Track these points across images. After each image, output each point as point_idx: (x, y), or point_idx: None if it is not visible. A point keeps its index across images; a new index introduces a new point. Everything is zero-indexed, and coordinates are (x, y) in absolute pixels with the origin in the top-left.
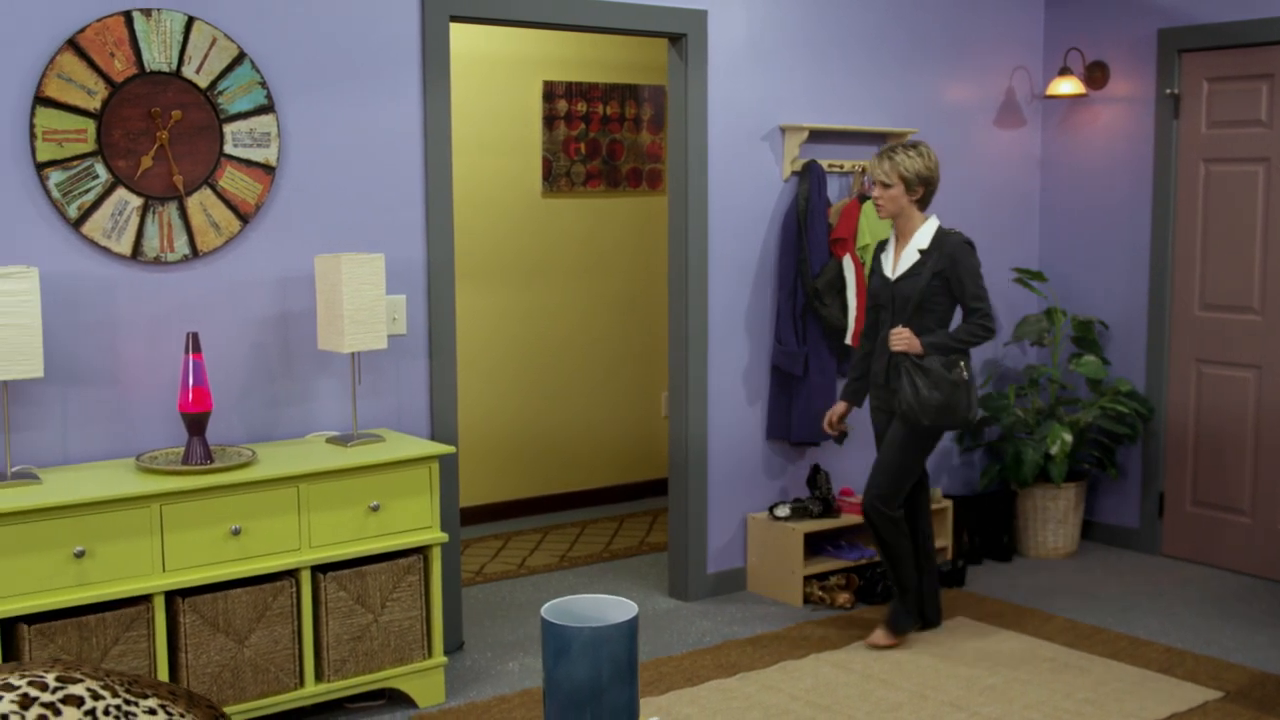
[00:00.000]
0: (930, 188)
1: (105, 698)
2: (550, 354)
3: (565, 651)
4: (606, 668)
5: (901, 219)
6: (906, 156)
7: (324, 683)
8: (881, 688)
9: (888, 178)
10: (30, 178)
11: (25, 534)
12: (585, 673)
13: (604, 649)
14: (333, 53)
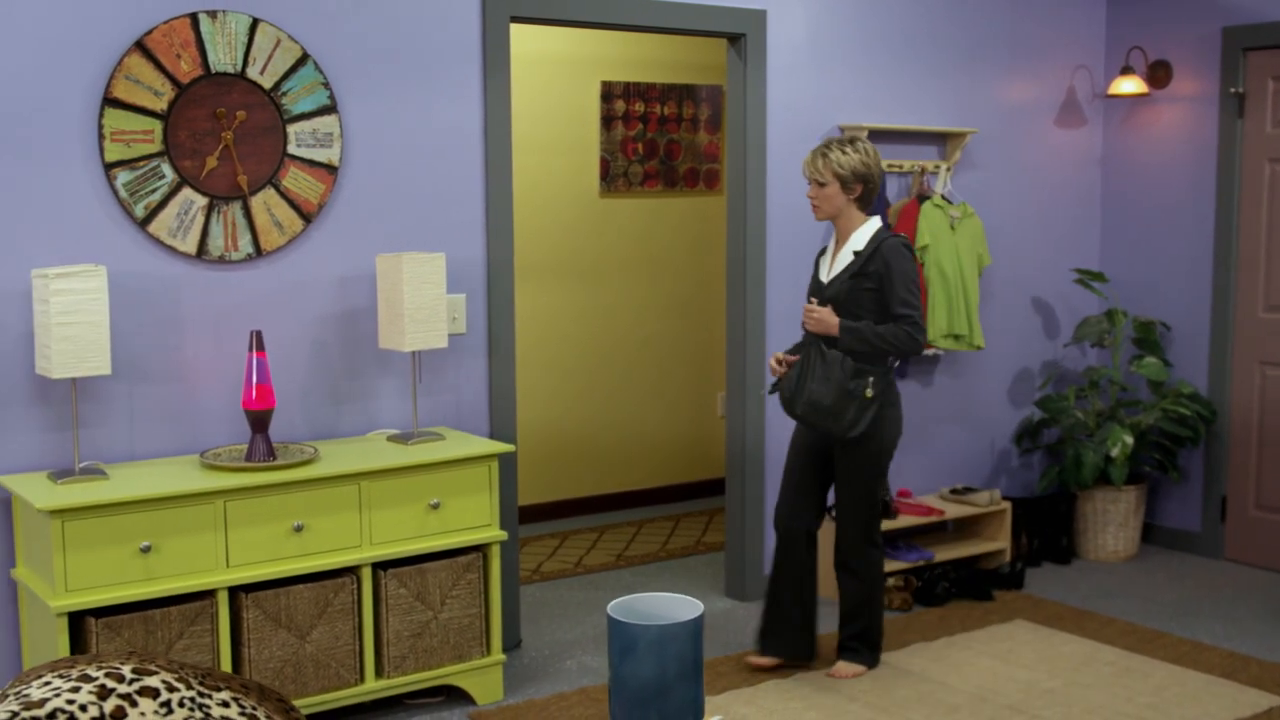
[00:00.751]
0: (870, 186)
1: (180, 690)
2: (606, 353)
3: (631, 649)
4: (672, 666)
5: (840, 220)
6: (842, 153)
7: (384, 679)
8: (940, 690)
9: (821, 176)
10: (99, 178)
11: (93, 529)
12: (651, 670)
13: (670, 647)
14: (394, 53)
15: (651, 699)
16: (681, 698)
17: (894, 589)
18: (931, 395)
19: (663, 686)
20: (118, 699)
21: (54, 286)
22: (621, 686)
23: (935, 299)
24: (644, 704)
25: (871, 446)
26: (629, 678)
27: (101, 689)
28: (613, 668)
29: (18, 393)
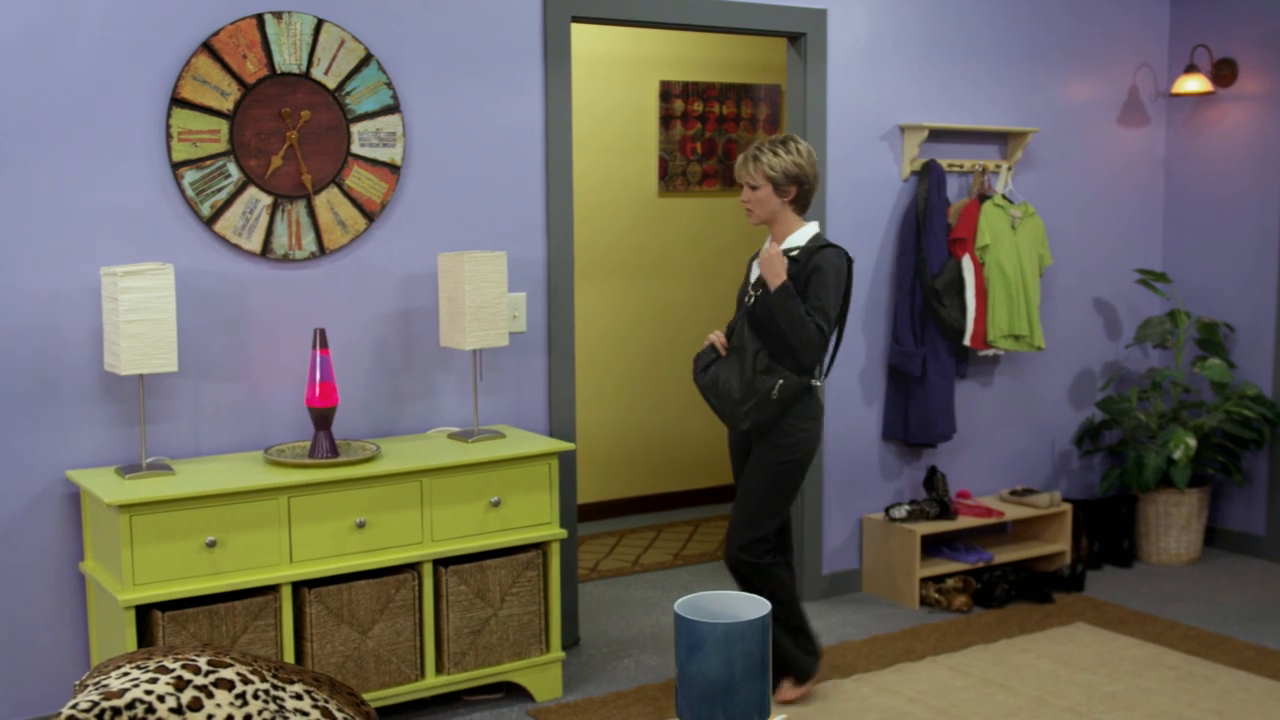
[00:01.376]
0: (804, 187)
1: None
2: (664, 352)
3: (699, 647)
4: (739, 664)
5: (776, 225)
6: (772, 154)
7: (444, 675)
8: (1000, 692)
9: (753, 179)
10: (166, 177)
11: (160, 523)
12: (718, 668)
13: (737, 645)
14: (456, 53)
15: (718, 696)
16: (748, 696)
17: (953, 590)
18: (991, 396)
19: (729, 684)
20: (194, 690)
21: (123, 284)
22: (688, 684)
23: (996, 299)
24: (710, 701)
25: (784, 455)
26: (696, 675)
27: (178, 680)
28: (679, 665)
29: (87, 389)
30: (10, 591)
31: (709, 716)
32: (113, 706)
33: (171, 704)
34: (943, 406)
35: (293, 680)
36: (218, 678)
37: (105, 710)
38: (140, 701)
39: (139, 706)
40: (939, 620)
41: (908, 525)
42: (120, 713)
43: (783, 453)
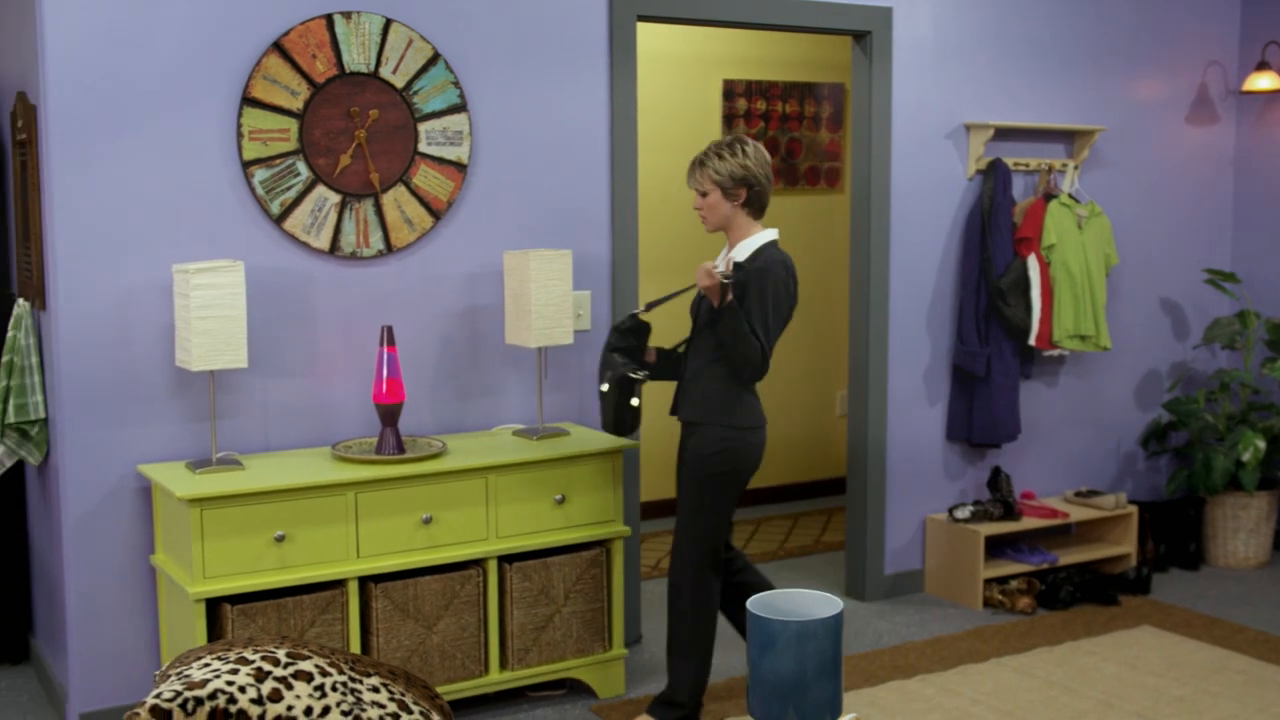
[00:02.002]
0: (754, 189)
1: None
2: None
3: (771, 645)
4: (811, 662)
5: (731, 229)
6: (718, 158)
7: (508, 671)
8: (1065, 695)
9: (701, 185)
10: (237, 175)
11: (230, 518)
12: (790, 666)
13: (809, 644)
14: (523, 52)
15: (790, 694)
16: (820, 694)
17: (1017, 592)
18: (1056, 396)
19: (801, 683)
20: (274, 681)
21: (194, 281)
22: (760, 681)
23: (1061, 299)
24: (782, 699)
25: (714, 465)
26: (768, 673)
27: (259, 671)
28: (751, 662)
29: (158, 384)
30: (85, 583)
31: (780, 714)
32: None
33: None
34: (1007, 407)
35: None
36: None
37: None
38: (222, 692)
39: (220, 697)
40: (1003, 622)
41: (971, 526)
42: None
43: (714, 469)
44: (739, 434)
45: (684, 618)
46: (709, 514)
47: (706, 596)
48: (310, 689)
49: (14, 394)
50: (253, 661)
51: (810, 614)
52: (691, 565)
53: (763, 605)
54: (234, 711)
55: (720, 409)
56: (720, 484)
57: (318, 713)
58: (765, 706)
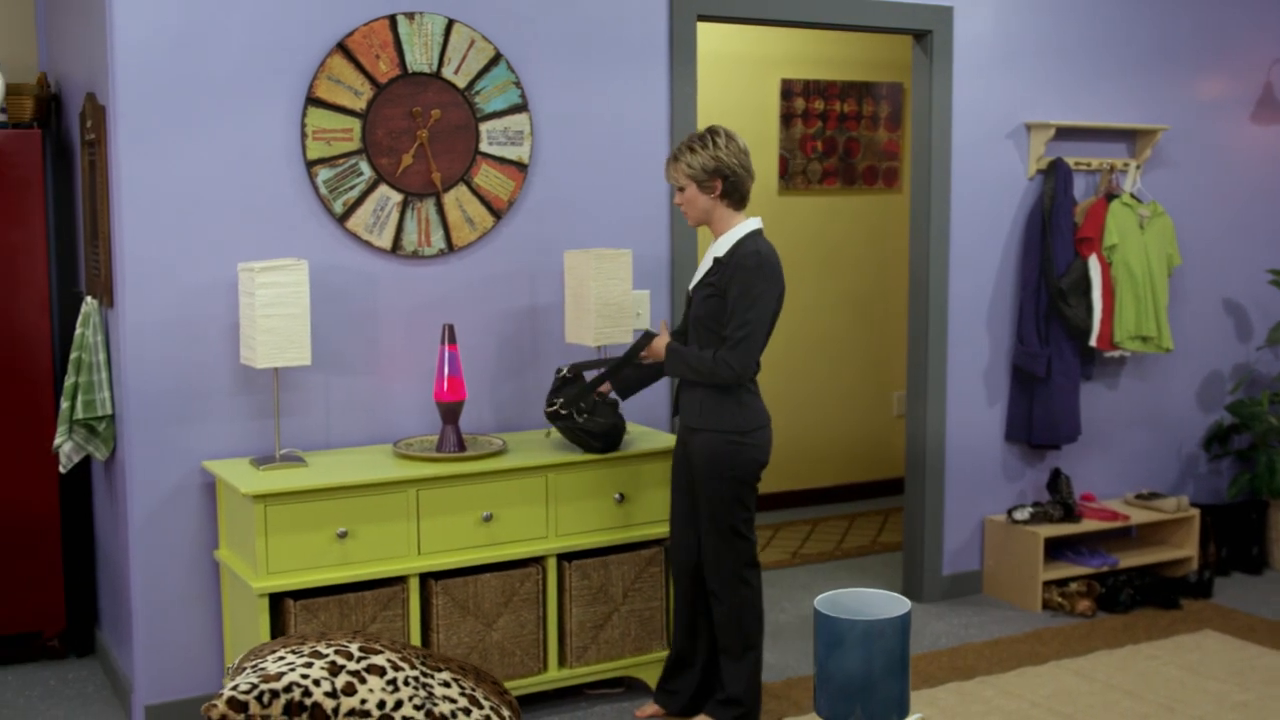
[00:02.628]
0: (731, 180)
1: (404, 669)
2: (782, 351)
3: (839, 644)
4: (879, 661)
5: (712, 223)
6: (690, 152)
7: (566, 668)
8: (1126, 698)
9: (676, 181)
10: (301, 175)
11: (294, 514)
12: (857, 665)
13: (877, 643)
14: (583, 52)
15: (857, 693)
16: (887, 694)
17: (1077, 594)
18: (1117, 398)
19: (869, 682)
20: (348, 675)
21: (259, 279)
22: (827, 680)
23: (1123, 299)
24: (849, 698)
25: (721, 472)
26: (835, 671)
27: (332, 665)
28: (818, 661)
29: (222, 382)
30: (150, 578)
31: (847, 713)
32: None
33: (326, 688)
34: (1067, 408)
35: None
36: (369, 664)
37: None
38: (297, 685)
39: (295, 690)
40: (1062, 624)
41: (1031, 527)
42: (278, 695)
43: (714, 471)
44: (739, 438)
45: (729, 620)
46: (730, 516)
47: (748, 593)
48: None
49: (82, 390)
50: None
51: (878, 613)
52: (726, 568)
53: (830, 604)
54: (309, 704)
55: (718, 414)
56: (731, 488)
57: (390, 706)
58: (832, 705)
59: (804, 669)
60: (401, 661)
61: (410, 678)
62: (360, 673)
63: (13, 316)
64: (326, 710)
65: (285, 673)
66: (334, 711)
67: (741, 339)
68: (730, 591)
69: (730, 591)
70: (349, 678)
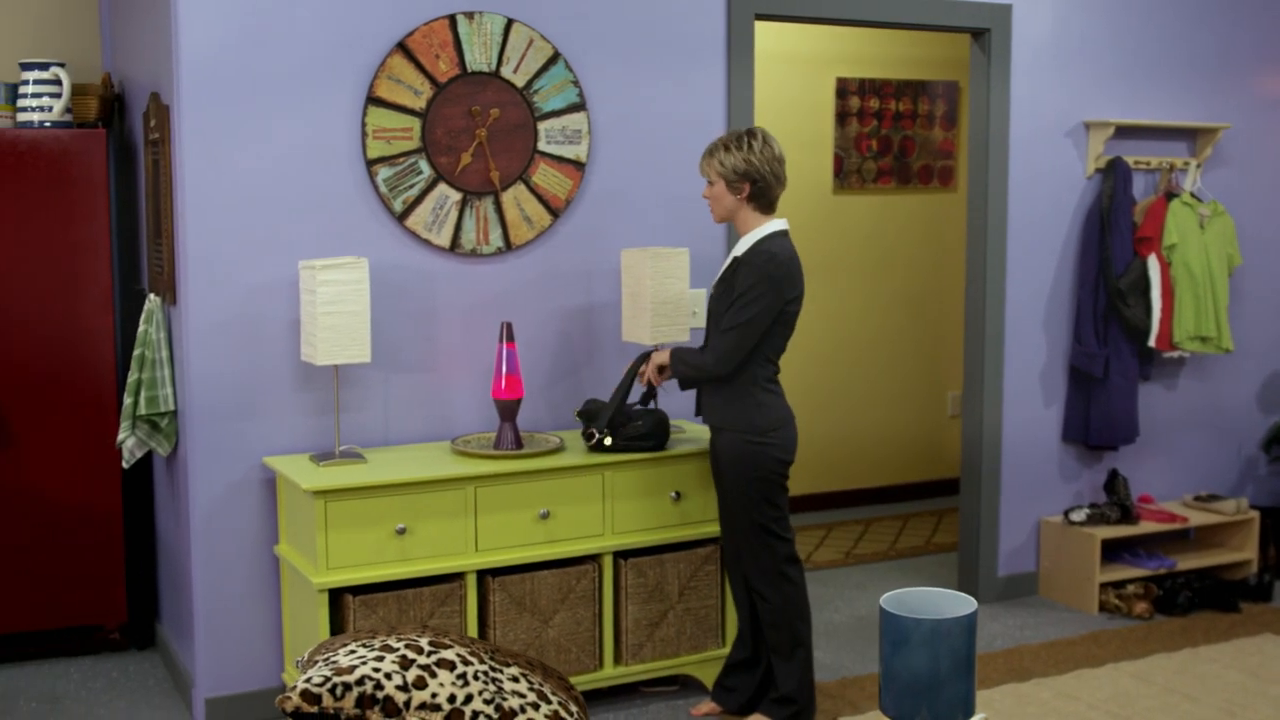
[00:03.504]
0: (760, 184)
1: (474, 663)
2: (835, 349)
3: (904, 643)
4: (945, 661)
5: (736, 222)
6: (725, 151)
7: (621, 666)
8: (1185, 702)
9: (708, 176)
10: (361, 174)
11: (354, 510)
12: (923, 664)
13: (943, 642)
14: (641, 51)
15: (923, 692)
16: (953, 693)
17: (1134, 596)
18: (1176, 399)
19: (935, 681)
20: (418, 669)
21: (320, 277)
22: (893, 679)
23: (1182, 300)
24: (915, 697)
25: (746, 472)
26: (901, 670)
27: (403, 659)
28: (884, 660)
29: (283, 378)
30: (211, 572)
31: (913, 712)
32: (343, 682)
33: (398, 681)
34: (1125, 409)
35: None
36: (439, 658)
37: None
38: (369, 678)
39: (368, 683)
40: (1119, 626)
41: (1087, 529)
42: (350, 688)
43: (740, 471)
44: (760, 437)
45: (776, 617)
46: (759, 515)
47: (793, 591)
48: (453, 677)
49: (145, 386)
50: (397, 649)
51: (943, 612)
52: (767, 568)
53: (896, 603)
54: (380, 697)
55: (737, 414)
56: (761, 486)
57: (460, 700)
58: (898, 704)
59: (859, 669)
60: (470, 656)
61: (479, 672)
62: (431, 666)
63: (77, 313)
64: (398, 703)
65: (357, 666)
66: (405, 705)
67: (727, 332)
68: (773, 589)
69: (773, 589)
70: (420, 671)
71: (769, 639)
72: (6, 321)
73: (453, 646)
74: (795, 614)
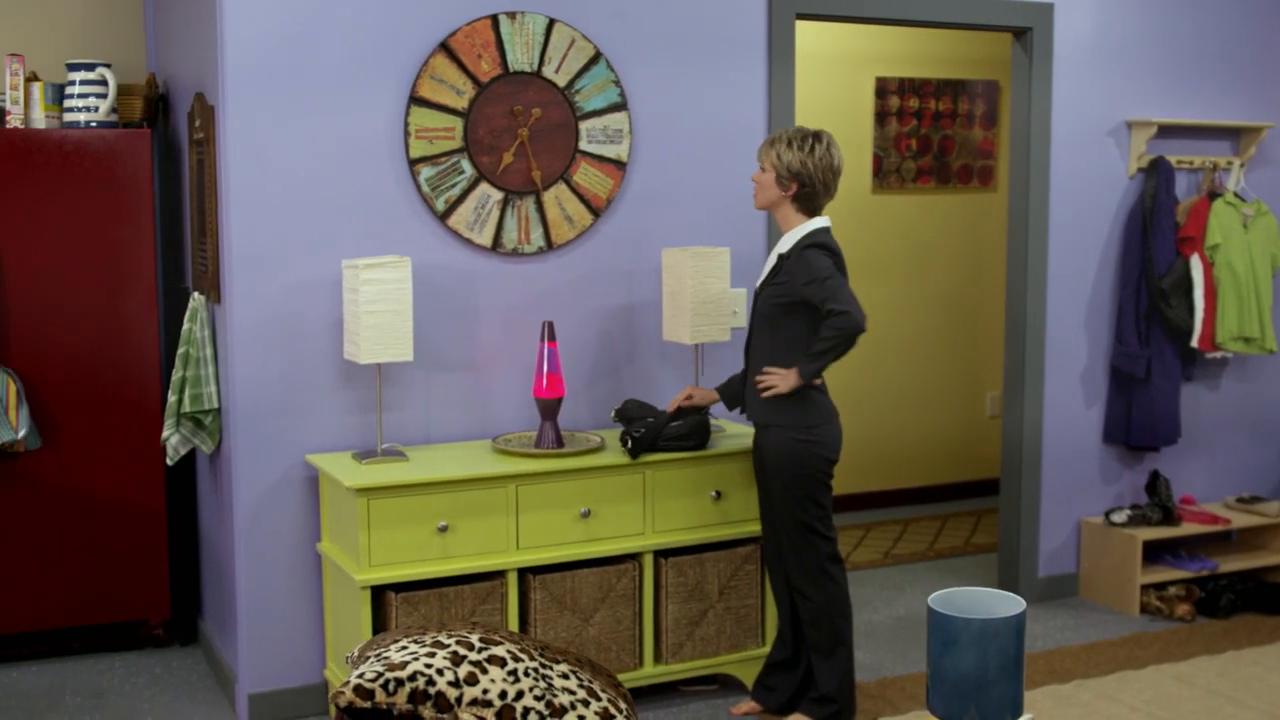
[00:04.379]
0: (809, 188)
1: (524, 660)
2: (873, 349)
3: (953, 643)
4: (994, 660)
5: (777, 216)
6: (786, 146)
7: (661, 664)
8: (1228, 704)
9: (762, 161)
10: (404, 173)
11: (396, 508)
12: (972, 664)
13: (992, 642)
14: (682, 51)
15: (971, 692)
16: (1002, 693)
17: (1175, 598)
18: (1218, 400)
19: (983, 681)
20: (470, 665)
21: (364, 276)
22: (941, 679)
23: (1225, 300)
24: (963, 697)
25: (793, 469)
26: (949, 670)
27: (454, 655)
28: (932, 660)
29: (325, 377)
30: (255, 569)
31: (962, 712)
32: (396, 678)
33: (450, 677)
34: (1167, 409)
35: (558, 660)
36: (490, 654)
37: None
38: (421, 674)
39: (420, 679)
40: (1161, 629)
41: (1129, 530)
42: (403, 684)
43: (787, 468)
44: (807, 434)
45: (817, 616)
46: (803, 514)
47: (835, 590)
48: (504, 673)
49: (189, 384)
50: (448, 646)
51: (992, 612)
52: (810, 567)
53: (944, 602)
54: (433, 693)
55: (785, 410)
56: (806, 484)
57: (512, 696)
58: (946, 704)
59: (898, 669)
60: (521, 653)
61: (530, 669)
62: (482, 663)
63: (122, 312)
64: (450, 699)
65: (409, 662)
66: (457, 700)
67: (836, 294)
68: (815, 588)
69: (815, 588)
70: (471, 667)
71: (810, 638)
72: (54, 319)
73: (503, 643)
74: (837, 613)
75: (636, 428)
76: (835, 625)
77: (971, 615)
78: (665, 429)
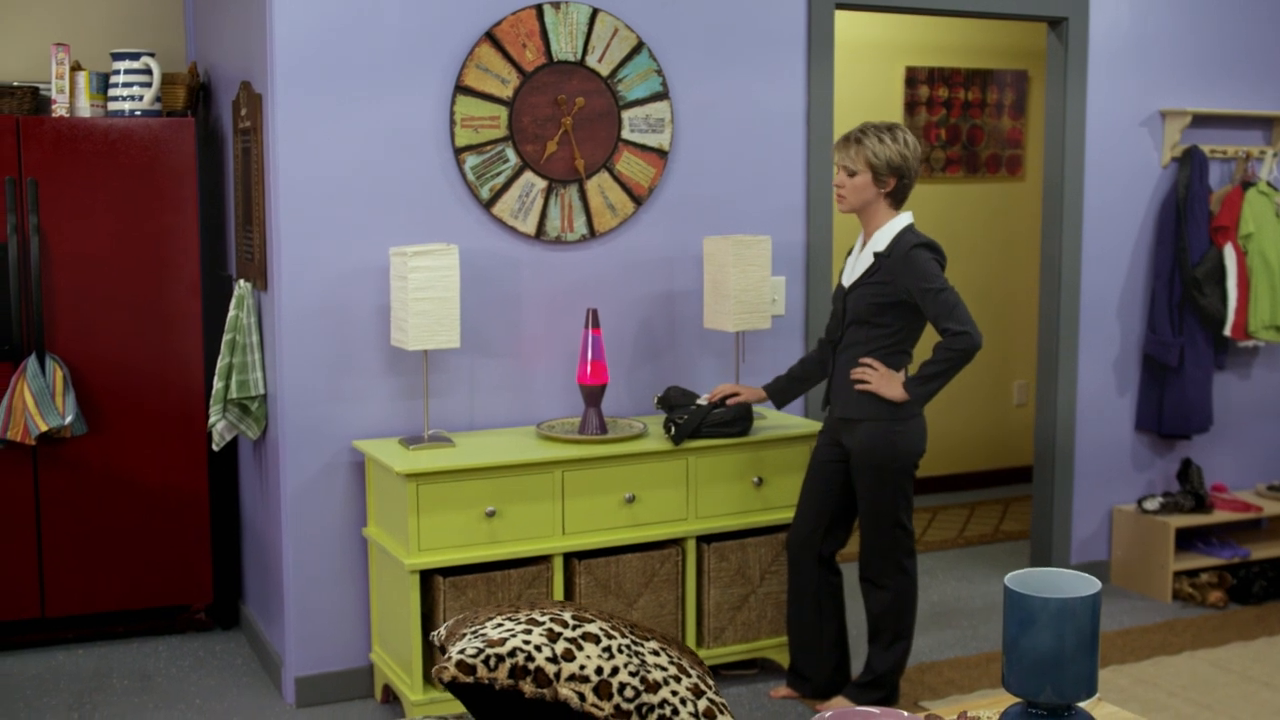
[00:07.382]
0: (904, 180)
1: (616, 637)
2: None
3: (1031, 622)
4: (1070, 639)
5: (866, 215)
6: (878, 141)
7: (703, 648)
8: (1265, 690)
9: (853, 164)
10: (449, 161)
11: (444, 493)
12: (1049, 643)
13: (1069, 622)
14: (723, 41)
15: (1048, 670)
16: (1078, 671)
17: (1207, 585)
18: (1249, 388)
19: (1059, 659)
20: (566, 642)
21: (412, 264)
22: (1019, 657)
23: (1258, 289)
24: (1040, 675)
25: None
26: (1027, 649)
27: (550, 632)
28: (1008, 638)
29: (373, 363)
30: (301, 554)
31: (1039, 690)
32: (496, 654)
33: (547, 654)
34: (1199, 398)
35: (647, 637)
36: (584, 631)
37: (490, 656)
38: (520, 650)
39: (519, 655)
40: (1194, 615)
41: (1161, 518)
42: (503, 660)
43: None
44: (899, 426)
45: (887, 609)
46: (895, 508)
47: (907, 584)
48: (599, 650)
49: (236, 371)
50: (543, 623)
51: (1066, 592)
52: (891, 559)
53: (1020, 582)
54: (532, 669)
55: (877, 403)
56: (893, 477)
57: (608, 672)
58: (1022, 682)
59: (935, 654)
60: (612, 630)
61: (622, 645)
62: (577, 640)
63: (166, 299)
64: (549, 675)
65: (508, 638)
66: (555, 676)
67: (950, 310)
68: (891, 581)
69: (891, 581)
70: (567, 644)
71: (871, 626)
72: (100, 307)
73: (595, 620)
74: (904, 606)
75: (680, 415)
76: (901, 618)
77: (1048, 595)
78: (709, 416)
